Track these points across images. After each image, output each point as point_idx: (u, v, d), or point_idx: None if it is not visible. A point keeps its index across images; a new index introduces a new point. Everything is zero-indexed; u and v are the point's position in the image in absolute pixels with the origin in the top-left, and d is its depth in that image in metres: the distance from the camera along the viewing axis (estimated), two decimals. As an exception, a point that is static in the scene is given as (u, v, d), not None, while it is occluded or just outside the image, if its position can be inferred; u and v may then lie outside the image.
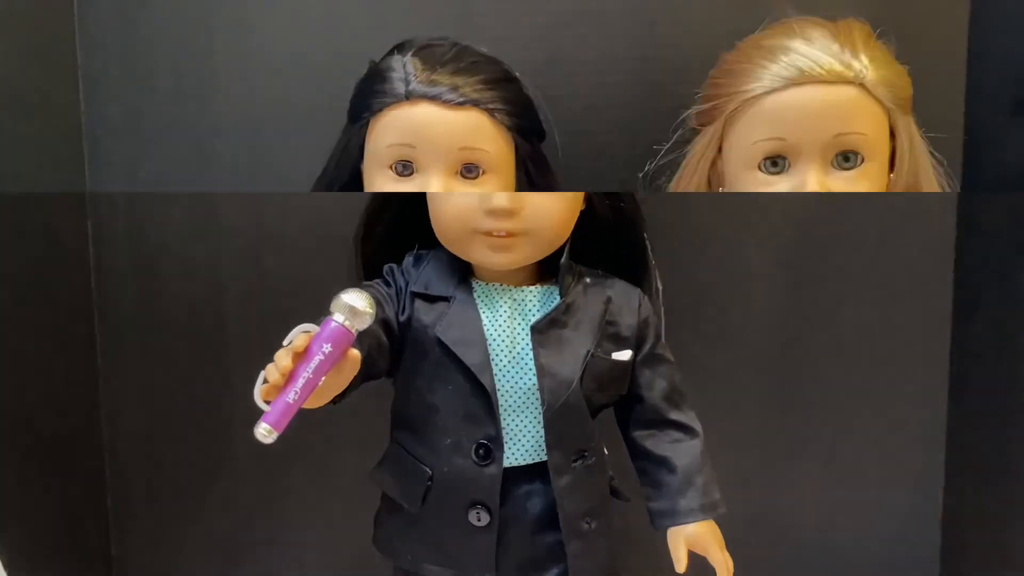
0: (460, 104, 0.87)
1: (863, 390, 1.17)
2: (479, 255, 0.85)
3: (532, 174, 0.93)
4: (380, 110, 0.89)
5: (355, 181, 0.93)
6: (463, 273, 0.87)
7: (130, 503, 1.22)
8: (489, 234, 0.83)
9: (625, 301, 0.89)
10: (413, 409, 0.87)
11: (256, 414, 0.81)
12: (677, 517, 0.88)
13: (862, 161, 0.84)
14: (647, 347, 0.89)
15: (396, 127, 0.88)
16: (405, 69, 0.88)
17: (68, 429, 1.15)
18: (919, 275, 1.16)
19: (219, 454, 1.19)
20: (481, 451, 0.84)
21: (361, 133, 0.91)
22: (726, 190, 0.90)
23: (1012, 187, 1.05)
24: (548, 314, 0.86)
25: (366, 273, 0.92)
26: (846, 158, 0.84)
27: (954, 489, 1.16)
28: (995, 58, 1.07)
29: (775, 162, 0.85)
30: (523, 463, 0.86)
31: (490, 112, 0.88)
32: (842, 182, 0.84)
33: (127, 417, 1.20)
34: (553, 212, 0.84)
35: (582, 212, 0.88)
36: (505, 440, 0.84)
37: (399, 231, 0.91)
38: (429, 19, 1.09)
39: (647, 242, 0.92)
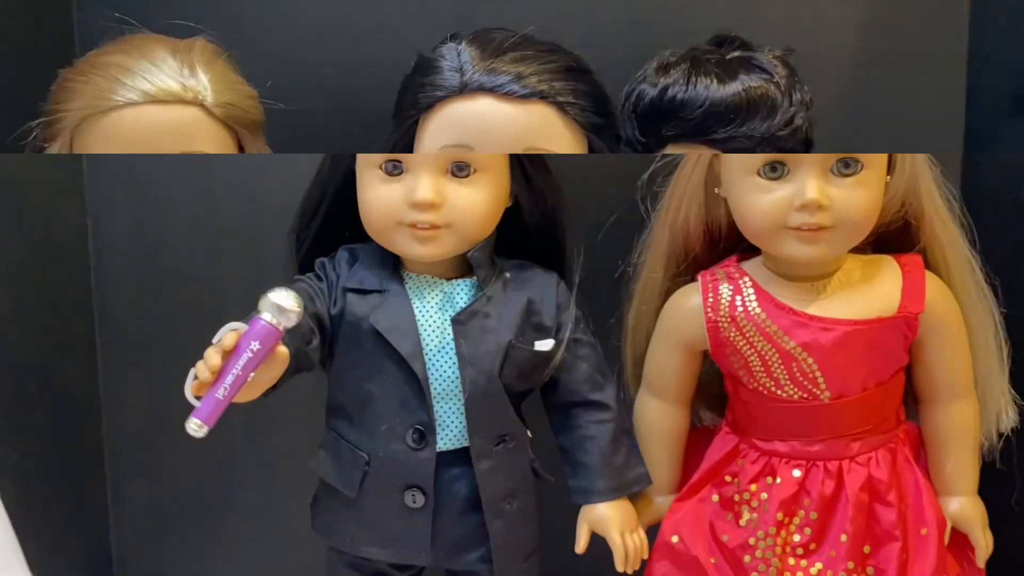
0: (525, 97, 0.78)
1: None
2: (403, 247, 0.86)
3: (530, 175, 0.91)
4: (431, 106, 0.80)
5: None
6: (395, 266, 0.89)
7: (130, 503, 1.22)
8: (413, 226, 0.84)
9: (545, 289, 0.91)
10: (349, 398, 0.89)
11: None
12: (586, 496, 0.91)
13: (862, 168, 0.84)
14: (567, 331, 0.91)
15: (451, 125, 0.80)
16: (460, 58, 0.80)
17: (68, 429, 1.15)
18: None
19: (219, 453, 1.19)
20: (415, 436, 0.87)
21: (410, 133, 0.84)
22: (721, 191, 0.90)
23: (1012, 187, 1.05)
24: (469, 306, 0.87)
25: (301, 265, 0.94)
26: (846, 164, 0.83)
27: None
28: (995, 58, 1.07)
29: (774, 167, 0.84)
30: (452, 447, 0.88)
31: (560, 106, 0.80)
32: (842, 189, 0.83)
33: (127, 417, 1.20)
34: (476, 206, 0.84)
35: (508, 208, 0.89)
36: (436, 426, 0.87)
37: (334, 224, 0.92)
38: (428, 19, 1.09)
39: (567, 237, 0.94)
